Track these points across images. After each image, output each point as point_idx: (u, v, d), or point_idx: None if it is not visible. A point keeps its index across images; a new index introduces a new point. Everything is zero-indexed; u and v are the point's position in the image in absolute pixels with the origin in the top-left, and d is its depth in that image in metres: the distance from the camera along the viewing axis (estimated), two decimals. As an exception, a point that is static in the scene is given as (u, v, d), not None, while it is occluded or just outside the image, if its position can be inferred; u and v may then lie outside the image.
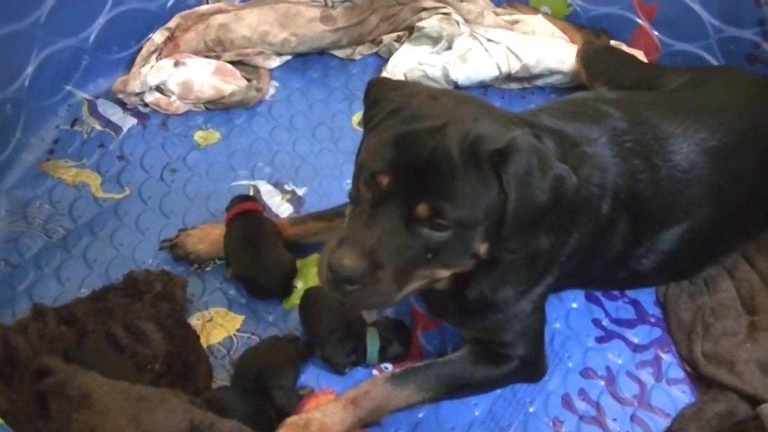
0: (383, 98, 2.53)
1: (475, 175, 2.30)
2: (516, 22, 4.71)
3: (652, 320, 3.41)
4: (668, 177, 3.04)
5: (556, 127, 2.90)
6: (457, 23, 4.53)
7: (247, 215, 3.42)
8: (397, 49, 4.52)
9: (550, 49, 4.43)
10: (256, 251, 3.28)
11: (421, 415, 2.99)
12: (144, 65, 4.17)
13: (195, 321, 3.23)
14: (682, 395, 3.16)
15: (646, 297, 3.48)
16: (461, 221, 2.32)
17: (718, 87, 3.53)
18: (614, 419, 3.07)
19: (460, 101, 2.53)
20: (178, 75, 4.14)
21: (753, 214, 3.39)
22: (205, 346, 3.12)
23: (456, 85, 4.43)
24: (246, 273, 3.30)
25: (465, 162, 2.29)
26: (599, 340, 3.33)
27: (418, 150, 2.29)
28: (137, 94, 4.14)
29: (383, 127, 2.43)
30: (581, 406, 3.10)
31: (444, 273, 2.54)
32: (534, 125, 2.74)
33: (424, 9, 4.61)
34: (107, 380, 2.53)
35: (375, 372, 3.10)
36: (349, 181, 2.65)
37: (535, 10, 4.83)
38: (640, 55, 4.41)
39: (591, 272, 3.18)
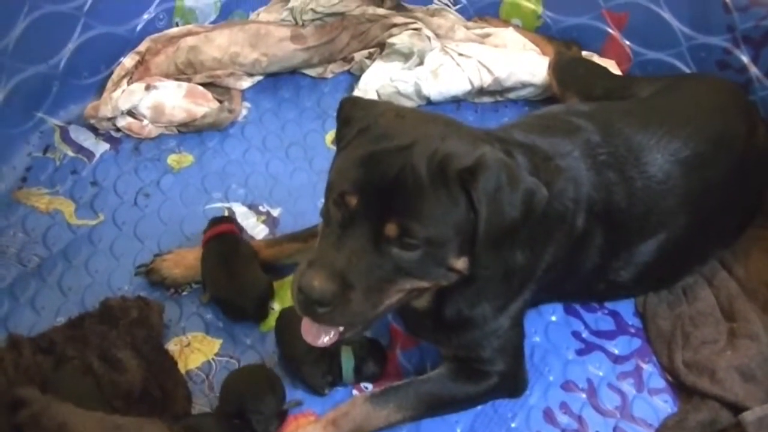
0: (353, 118, 2.53)
1: (444, 193, 2.29)
2: (487, 35, 4.70)
3: (632, 331, 3.40)
4: (643, 188, 3.04)
5: (528, 142, 2.89)
6: (428, 38, 4.52)
7: (223, 237, 3.40)
8: (368, 67, 4.51)
9: (521, 61, 4.42)
10: (232, 273, 3.26)
11: (402, 434, 2.98)
12: (115, 90, 4.14)
13: (172, 346, 3.20)
14: (664, 405, 3.15)
15: (626, 308, 3.47)
16: (430, 240, 2.31)
17: (689, 95, 3.54)
18: (597, 431, 3.07)
19: (427, 120, 2.53)
20: (149, 99, 4.11)
21: (728, 221, 3.40)
22: (183, 371, 3.09)
23: (429, 101, 4.43)
24: (222, 294, 3.29)
25: (433, 181, 2.29)
26: (579, 352, 3.32)
27: (386, 169, 2.29)
28: (109, 119, 4.11)
29: (352, 146, 2.43)
30: (563, 419, 3.09)
31: (424, 284, 2.51)
32: (505, 141, 2.75)
33: (395, 25, 4.60)
34: (83, 411, 2.51)
35: (355, 392, 3.08)
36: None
37: (506, 23, 4.82)
38: (611, 64, 4.42)
39: (569, 285, 3.17)
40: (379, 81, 4.40)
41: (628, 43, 4.44)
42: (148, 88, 4.13)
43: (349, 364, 3.04)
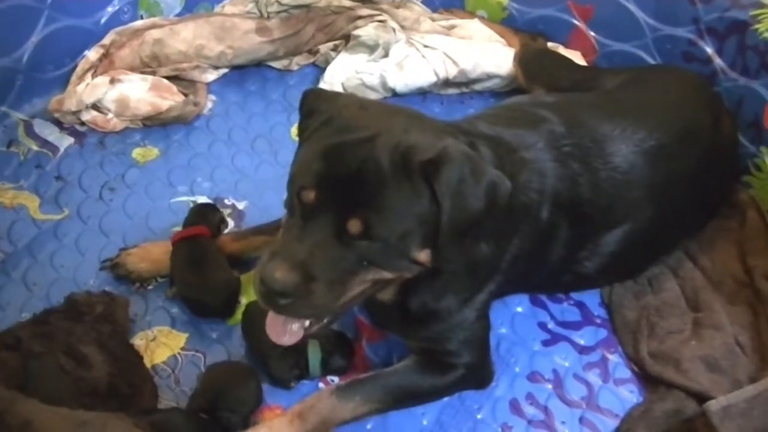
0: (316, 110, 2.52)
1: (407, 185, 2.28)
2: (453, 27, 4.70)
3: (598, 321, 3.41)
4: (608, 179, 3.05)
5: (493, 134, 2.89)
6: (393, 30, 4.52)
7: (193, 239, 3.37)
8: (334, 59, 4.51)
9: (487, 53, 4.42)
10: (201, 275, 3.25)
11: (369, 426, 2.97)
12: (79, 83, 4.12)
13: (138, 341, 3.19)
14: (629, 395, 3.16)
15: (591, 298, 3.48)
16: (393, 232, 2.31)
17: (654, 86, 3.56)
18: (563, 422, 3.07)
19: (390, 112, 2.53)
20: (114, 92, 4.09)
21: (694, 212, 3.42)
22: (149, 365, 3.08)
23: (394, 93, 4.43)
24: (190, 294, 3.27)
25: (396, 173, 2.28)
26: (545, 343, 3.32)
27: (348, 162, 2.29)
28: (73, 113, 4.08)
29: (314, 138, 2.43)
30: (529, 410, 3.09)
31: (388, 276, 2.50)
32: (469, 133, 2.74)
33: (360, 17, 4.60)
34: (48, 407, 2.48)
35: (321, 385, 3.08)
36: (290, 193, 2.63)
37: (472, 15, 4.82)
38: (577, 56, 4.43)
39: (534, 277, 3.18)
40: (344, 73, 4.40)
41: (593, 34, 4.46)
42: (112, 81, 4.11)
43: (316, 358, 3.04)
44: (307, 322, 2.55)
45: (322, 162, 2.32)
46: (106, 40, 4.35)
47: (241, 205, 3.80)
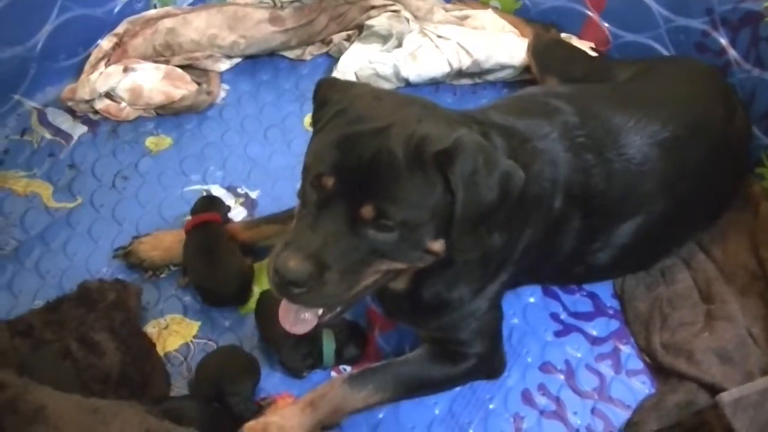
0: (330, 99, 2.52)
1: (420, 176, 2.29)
2: (466, 17, 4.70)
3: (610, 312, 3.41)
4: (621, 171, 3.04)
5: (506, 124, 2.89)
6: (407, 20, 4.53)
7: (206, 226, 3.37)
8: (347, 49, 4.51)
9: (500, 43, 4.41)
10: (214, 263, 3.26)
11: (381, 416, 2.99)
12: (92, 72, 4.13)
13: (151, 329, 3.21)
14: (641, 386, 3.17)
15: (604, 289, 3.48)
16: (406, 222, 2.31)
17: (668, 77, 3.55)
18: (575, 413, 3.08)
19: (404, 102, 2.52)
20: (127, 81, 4.10)
21: (706, 203, 3.40)
22: (161, 353, 3.10)
23: (407, 83, 4.43)
24: (203, 283, 3.28)
25: (410, 163, 2.28)
26: (557, 334, 3.33)
27: (362, 152, 2.29)
28: (87, 102, 4.09)
29: (328, 128, 2.43)
30: (541, 400, 3.10)
31: (401, 266, 2.51)
32: (483, 123, 2.75)
33: (373, 7, 4.59)
34: (61, 394, 2.49)
35: (333, 374, 3.09)
36: (302, 182, 2.63)
37: (485, 5, 4.81)
38: (590, 47, 4.42)
39: (547, 268, 3.17)
40: (357, 63, 4.39)
41: (606, 25, 4.45)
42: (125, 70, 4.12)
43: (330, 348, 3.05)
44: (320, 312, 2.55)
45: (337, 152, 2.32)
46: (120, 29, 4.36)
47: (253, 194, 3.80)
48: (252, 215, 3.70)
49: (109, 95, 4.12)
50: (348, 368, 3.10)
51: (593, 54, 4.31)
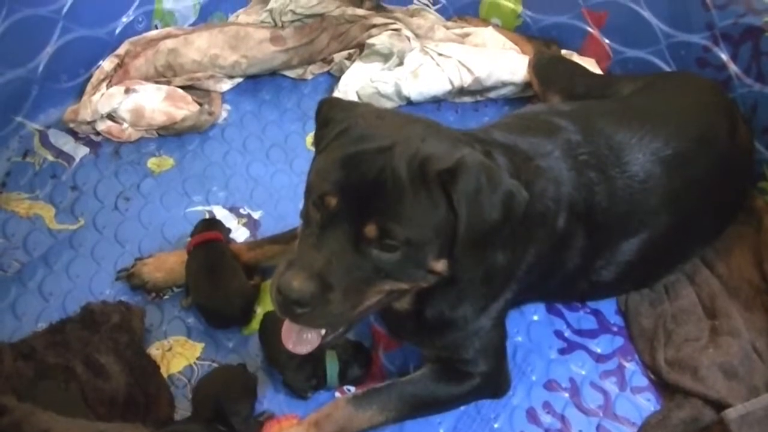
0: (332, 119, 2.52)
1: (424, 195, 2.29)
2: (467, 35, 4.70)
3: (614, 329, 3.41)
4: (625, 188, 3.05)
5: (509, 142, 2.89)
6: (408, 39, 4.53)
7: (208, 245, 3.37)
8: (348, 67, 4.51)
9: (501, 60, 4.42)
10: (216, 282, 3.25)
11: (385, 436, 2.98)
12: (94, 93, 4.12)
13: (154, 350, 3.20)
14: (646, 403, 3.16)
15: (608, 306, 3.48)
16: (410, 241, 2.31)
17: (669, 93, 3.55)
18: (580, 431, 3.07)
19: (407, 121, 2.53)
20: (128, 102, 4.10)
21: (709, 219, 3.40)
22: (165, 375, 3.09)
23: (409, 101, 4.43)
24: (206, 303, 3.27)
25: (413, 182, 2.28)
26: (562, 351, 3.32)
27: (366, 171, 2.29)
28: (88, 123, 4.09)
29: (331, 148, 2.42)
30: (546, 419, 3.10)
31: (404, 286, 2.51)
32: (485, 141, 2.75)
33: (374, 26, 4.60)
34: (64, 418, 2.49)
35: (337, 394, 3.07)
36: (305, 201, 2.63)
37: (486, 23, 4.82)
38: (591, 63, 4.42)
39: (550, 285, 3.17)
40: (359, 82, 4.39)
41: (607, 41, 4.45)
42: (127, 91, 4.12)
43: (334, 369, 3.04)
44: (323, 332, 2.54)
45: (340, 171, 2.32)
46: (121, 50, 4.35)
47: (256, 215, 3.80)
48: (255, 236, 3.69)
49: (110, 116, 4.12)
50: (353, 388, 3.09)
51: (594, 70, 4.30)
